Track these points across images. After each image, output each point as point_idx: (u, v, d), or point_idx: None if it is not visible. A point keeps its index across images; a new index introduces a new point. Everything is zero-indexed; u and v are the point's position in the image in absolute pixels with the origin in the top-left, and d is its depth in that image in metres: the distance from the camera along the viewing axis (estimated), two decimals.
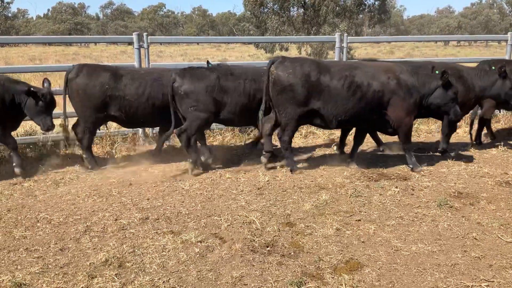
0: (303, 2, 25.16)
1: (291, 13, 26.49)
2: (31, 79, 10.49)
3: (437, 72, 5.53)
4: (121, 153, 6.55)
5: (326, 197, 4.72)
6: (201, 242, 3.77)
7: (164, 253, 3.60)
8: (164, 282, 3.20)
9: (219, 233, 3.95)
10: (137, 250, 3.63)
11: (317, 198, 4.71)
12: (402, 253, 3.60)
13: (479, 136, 7.04)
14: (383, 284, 3.17)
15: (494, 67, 6.35)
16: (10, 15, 64.18)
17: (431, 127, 8.06)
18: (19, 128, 6.04)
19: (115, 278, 3.23)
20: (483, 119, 7.00)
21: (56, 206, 4.62)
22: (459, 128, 7.60)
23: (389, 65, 5.70)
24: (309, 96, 5.25)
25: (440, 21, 73.74)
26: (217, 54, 33.08)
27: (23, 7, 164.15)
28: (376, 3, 29.38)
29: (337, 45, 7.87)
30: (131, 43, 7.15)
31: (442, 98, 5.45)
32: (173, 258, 3.51)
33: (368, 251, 3.62)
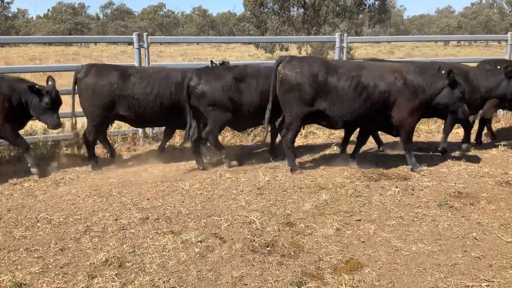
0: (303, 2, 25.16)
1: (291, 13, 26.49)
2: (31, 79, 10.42)
3: (443, 72, 5.53)
4: (121, 153, 6.55)
5: (326, 197, 4.72)
6: (201, 242, 3.77)
7: (164, 253, 3.60)
8: (164, 282, 3.20)
9: (219, 233, 3.95)
10: (137, 250, 3.63)
11: (317, 198, 4.71)
12: (402, 253, 3.60)
13: (479, 136, 7.04)
14: (383, 284, 3.17)
15: (500, 66, 6.34)
16: (10, 15, 64.18)
17: (431, 127, 8.06)
18: None
19: (115, 278, 3.24)
20: (483, 119, 7.00)
21: (56, 206, 4.62)
22: (459, 128, 7.61)
23: (397, 65, 5.70)
24: (316, 96, 5.25)
25: (440, 21, 73.70)
26: (217, 54, 33.06)
27: (23, 7, 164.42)
28: (376, 3, 29.40)
29: (337, 45, 7.88)
30: (131, 43, 7.16)
31: (449, 98, 5.43)
32: (173, 258, 3.51)
33: (368, 251, 3.62)
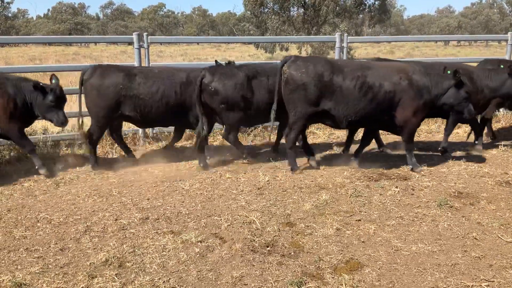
0: (303, 2, 25.14)
1: (291, 13, 26.47)
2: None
3: (449, 72, 5.52)
4: (121, 153, 6.55)
5: (326, 197, 4.72)
6: (201, 242, 3.77)
7: (164, 253, 3.60)
8: (164, 282, 3.20)
9: (219, 233, 3.95)
10: (137, 250, 3.63)
11: (317, 198, 4.71)
12: (402, 253, 3.60)
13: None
14: (383, 284, 3.17)
15: (503, 65, 6.33)
16: (10, 15, 64.16)
17: (431, 127, 8.06)
18: None
19: (115, 278, 3.24)
20: (484, 118, 7.00)
21: (56, 206, 4.62)
22: (459, 128, 7.61)
23: (402, 65, 5.70)
24: (321, 95, 5.26)
25: (440, 21, 73.69)
26: (217, 54, 33.06)
27: (23, 7, 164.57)
28: (376, 3, 29.36)
29: (337, 45, 7.87)
30: (131, 43, 7.16)
31: (455, 98, 5.41)
32: (173, 258, 3.51)
33: (368, 251, 3.62)
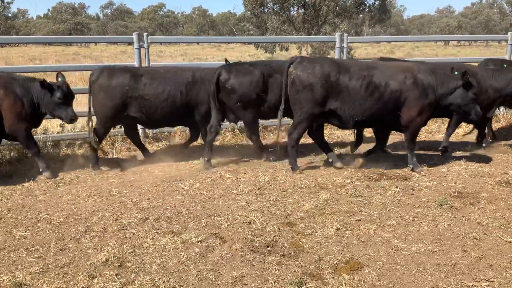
0: (303, 2, 25.14)
1: (291, 13, 26.47)
2: None
3: (456, 73, 5.50)
4: (121, 153, 6.55)
5: (326, 197, 4.72)
6: (201, 242, 3.77)
7: (164, 253, 3.60)
8: (164, 282, 3.20)
9: (219, 233, 3.95)
10: (137, 250, 3.63)
11: (317, 198, 4.71)
12: (402, 253, 3.60)
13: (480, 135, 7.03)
14: (383, 284, 3.17)
15: (507, 65, 6.34)
16: (10, 15, 64.12)
17: (431, 127, 8.06)
18: None
19: (115, 278, 3.24)
20: (485, 118, 6.99)
21: (56, 206, 4.62)
22: (459, 128, 7.61)
23: (407, 64, 5.70)
24: (327, 96, 5.27)
25: (440, 21, 73.64)
26: (217, 54, 33.05)
27: (23, 7, 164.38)
28: (376, 3, 29.35)
29: (337, 45, 7.88)
30: (131, 43, 7.16)
31: (462, 99, 5.39)
32: (173, 258, 3.51)
33: (368, 251, 3.62)
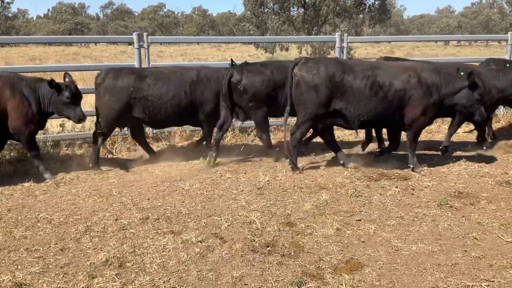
0: (303, 2, 25.15)
1: (291, 13, 26.50)
2: None
3: (462, 74, 5.49)
4: (121, 153, 6.55)
5: (326, 197, 4.72)
6: (201, 242, 3.77)
7: (164, 253, 3.60)
8: (164, 282, 3.20)
9: (219, 233, 3.95)
10: (137, 250, 3.63)
11: (317, 198, 4.71)
12: (402, 253, 3.60)
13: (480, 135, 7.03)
14: (383, 284, 3.17)
15: (509, 65, 6.35)
16: (10, 15, 64.13)
17: (431, 127, 8.04)
18: None
19: (115, 278, 3.24)
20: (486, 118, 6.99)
21: (56, 206, 4.62)
22: (459, 128, 7.60)
23: (411, 63, 5.71)
24: (332, 96, 5.28)
25: (440, 21, 73.65)
26: (217, 54, 33.04)
27: (23, 7, 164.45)
28: (376, 3, 29.40)
29: (337, 45, 7.88)
30: (131, 43, 7.16)
31: (467, 99, 5.38)
32: (173, 258, 3.51)
33: (368, 251, 3.62)
